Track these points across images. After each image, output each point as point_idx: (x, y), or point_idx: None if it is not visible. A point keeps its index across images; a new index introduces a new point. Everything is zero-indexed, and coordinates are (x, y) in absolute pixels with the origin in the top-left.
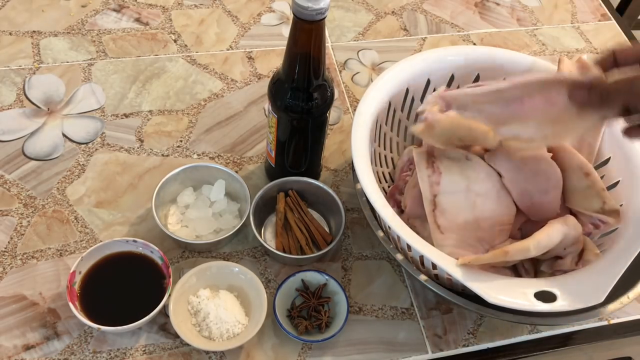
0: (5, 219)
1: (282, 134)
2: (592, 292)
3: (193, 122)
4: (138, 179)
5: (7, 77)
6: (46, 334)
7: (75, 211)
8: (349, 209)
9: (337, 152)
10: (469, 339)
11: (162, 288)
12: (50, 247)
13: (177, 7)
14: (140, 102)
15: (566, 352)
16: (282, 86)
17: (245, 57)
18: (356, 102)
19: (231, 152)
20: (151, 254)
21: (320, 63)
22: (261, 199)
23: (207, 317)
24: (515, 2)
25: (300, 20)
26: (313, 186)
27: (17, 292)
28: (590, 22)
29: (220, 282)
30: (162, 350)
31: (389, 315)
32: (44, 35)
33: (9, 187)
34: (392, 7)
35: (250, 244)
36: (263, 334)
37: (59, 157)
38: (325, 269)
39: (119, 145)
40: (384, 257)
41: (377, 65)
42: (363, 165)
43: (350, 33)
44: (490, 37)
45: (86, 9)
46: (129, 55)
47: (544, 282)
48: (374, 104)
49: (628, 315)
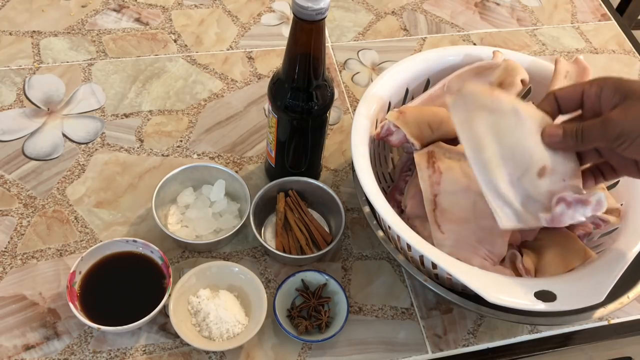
0: (5, 219)
1: (282, 134)
2: (592, 292)
3: (193, 122)
4: (138, 179)
5: (7, 77)
6: (46, 334)
7: (75, 211)
8: (349, 209)
9: (337, 152)
10: (469, 339)
11: (162, 288)
12: (50, 247)
13: (177, 7)
14: (140, 102)
15: (566, 352)
16: (282, 86)
17: (245, 57)
18: (356, 102)
19: (231, 152)
20: (151, 254)
21: (320, 63)
22: (261, 199)
23: (207, 317)
24: (515, 2)
25: (300, 20)
26: (313, 186)
27: (17, 292)
28: (590, 22)
29: (220, 282)
30: (162, 350)
31: (389, 315)
32: (44, 35)
33: (9, 187)
34: (392, 7)
35: (250, 244)
36: (263, 334)
37: (59, 157)
38: (325, 269)
39: (119, 145)
40: (384, 257)
41: (377, 65)
42: (363, 165)
43: (350, 33)
44: (490, 37)
45: (86, 9)
46: (129, 55)
47: (544, 282)
48: (374, 104)
49: (628, 315)
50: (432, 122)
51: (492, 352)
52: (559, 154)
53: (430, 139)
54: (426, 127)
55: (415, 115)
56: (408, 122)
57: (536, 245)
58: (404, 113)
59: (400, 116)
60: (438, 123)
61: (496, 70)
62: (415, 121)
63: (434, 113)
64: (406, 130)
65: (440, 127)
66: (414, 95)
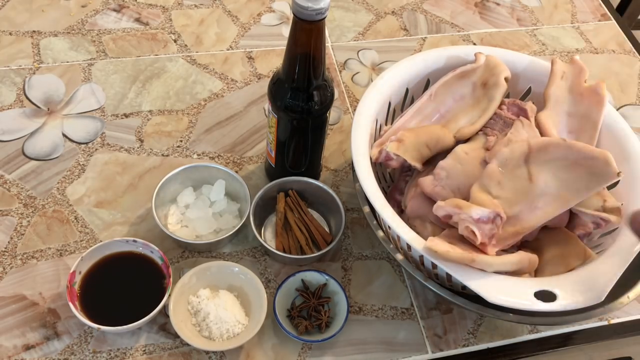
0: (5, 219)
1: (282, 134)
2: (592, 292)
3: (193, 122)
4: (138, 179)
5: (7, 77)
6: (46, 334)
7: (75, 211)
8: (349, 209)
9: (337, 152)
10: (469, 339)
11: (162, 288)
12: (50, 247)
13: (177, 7)
14: (140, 102)
15: (566, 352)
16: (282, 86)
17: (245, 57)
18: (356, 102)
19: (231, 152)
20: (151, 254)
21: (320, 63)
22: (261, 199)
23: (207, 317)
24: (515, 2)
25: (300, 20)
26: (313, 186)
27: (17, 292)
28: (590, 22)
29: (220, 282)
30: (162, 350)
31: (389, 315)
32: (44, 35)
33: (9, 187)
34: (392, 7)
35: (250, 244)
36: (263, 334)
37: (59, 157)
38: (325, 269)
39: (119, 145)
40: (384, 257)
41: (377, 65)
42: (363, 165)
43: (350, 33)
44: (490, 37)
45: (86, 9)
46: (129, 55)
47: (544, 282)
48: (374, 104)
49: (628, 315)
50: (429, 141)
51: (492, 352)
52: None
53: (429, 157)
54: (424, 147)
55: (413, 139)
56: (407, 148)
57: (536, 245)
58: (403, 141)
59: (399, 145)
60: (435, 142)
61: (478, 70)
62: (414, 146)
63: (429, 133)
64: (407, 157)
65: (437, 145)
66: (414, 95)
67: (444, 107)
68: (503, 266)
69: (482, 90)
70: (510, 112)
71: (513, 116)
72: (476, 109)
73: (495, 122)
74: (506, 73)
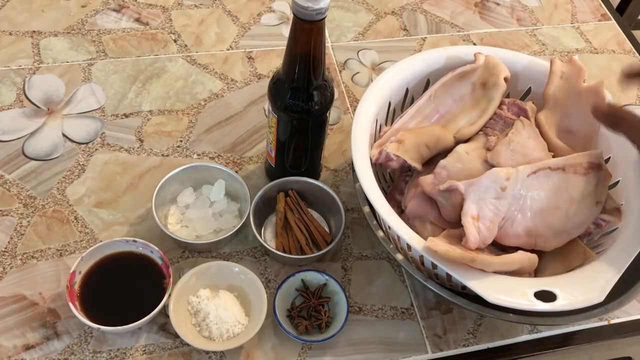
0: (5, 219)
1: (282, 134)
2: (592, 292)
3: (193, 122)
4: (138, 179)
5: (7, 77)
6: (46, 334)
7: (75, 211)
8: (349, 209)
9: (337, 152)
10: (469, 339)
11: (162, 288)
12: (50, 247)
13: (177, 7)
14: (140, 102)
15: (566, 352)
16: (282, 86)
17: (245, 57)
18: (356, 102)
19: (231, 152)
20: (151, 254)
21: (320, 63)
22: (261, 199)
23: (207, 317)
24: (515, 2)
25: (300, 20)
26: (313, 186)
27: (17, 292)
28: (590, 22)
29: (220, 282)
30: (162, 350)
31: (389, 315)
32: (44, 35)
33: (9, 187)
34: (392, 7)
35: (250, 244)
36: (263, 334)
37: (59, 157)
38: (325, 269)
39: (119, 145)
40: (384, 257)
41: (377, 65)
42: (363, 165)
43: (350, 33)
44: (490, 37)
45: (86, 9)
46: (129, 55)
47: (544, 282)
48: (374, 104)
49: (628, 315)
50: (429, 142)
51: (492, 352)
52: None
53: (429, 157)
54: (424, 148)
55: (413, 140)
56: (408, 149)
57: None
58: (403, 142)
59: (399, 146)
60: (435, 142)
61: (477, 70)
62: (414, 147)
63: (429, 133)
64: (407, 157)
65: (437, 145)
66: (414, 95)
67: (443, 107)
68: (503, 266)
69: (481, 90)
70: (510, 112)
71: (513, 116)
72: (476, 109)
73: (495, 122)
74: (505, 73)
